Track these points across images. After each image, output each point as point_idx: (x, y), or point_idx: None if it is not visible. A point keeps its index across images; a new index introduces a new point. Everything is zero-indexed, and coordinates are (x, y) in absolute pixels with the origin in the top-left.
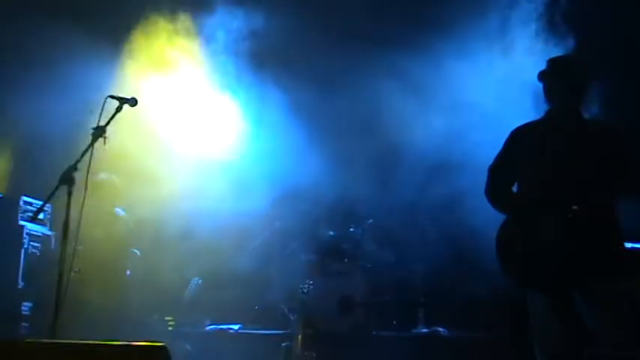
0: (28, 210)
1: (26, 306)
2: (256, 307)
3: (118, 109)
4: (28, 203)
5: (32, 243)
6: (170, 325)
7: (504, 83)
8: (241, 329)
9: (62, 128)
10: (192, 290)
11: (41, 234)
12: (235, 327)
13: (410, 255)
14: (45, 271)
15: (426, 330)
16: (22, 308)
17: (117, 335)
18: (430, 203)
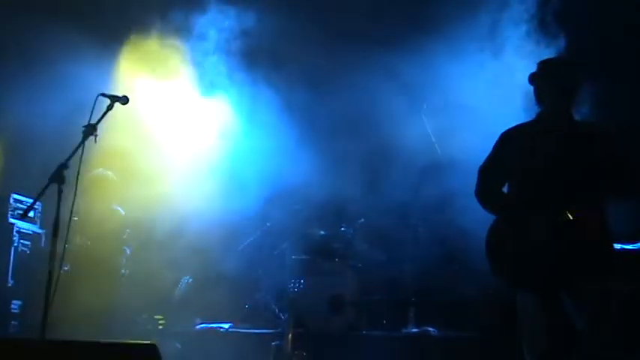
0: (18, 208)
1: (16, 304)
2: (246, 306)
3: (110, 107)
4: (19, 201)
5: (22, 241)
6: (160, 324)
7: (495, 84)
8: (231, 328)
9: (53, 126)
10: (182, 289)
11: (31, 232)
12: (225, 326)
13: (401, 255)
14: (35, 270)
15: (416, 330)
16: (12, 306)
17: (107, 334)
18: (421, 203)
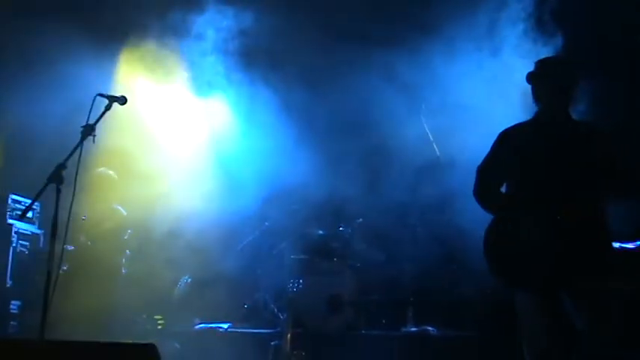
0: (17, 208)
1: (14, 305)
2: (245, 306)
3: (108, 108)
4: (17, 201)
5: (21, 241)
6: (159, 324)
7: (493, 83)
8: (230, 328)
9: (51, 126)
10: (181, 289)
11: (30, 232)
12: (224, 326)
13: (399, 254)
14: (33, 270)
15: (415, 329)
16: (11, 307)
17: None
18: (420, 203)
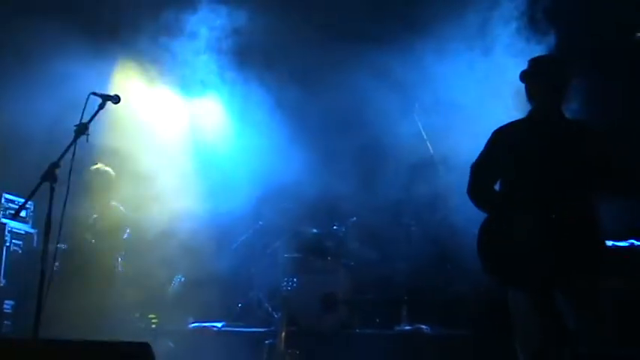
0: (10, 207)
1: (8, 304)
2: (239, 305)
3: (101, 106)
4: (10, 201)
5: (14, 241)
6: (153, 323)
7: (486, 82)
8: (224, 327)
9: (44, 125)
10: (175, 288)
11: (23, 232)
12: (218, 325)
13: (393, 253)
14: (27, 269)
15: (409, 327)
16: (4, 306)
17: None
18: (413, 202)
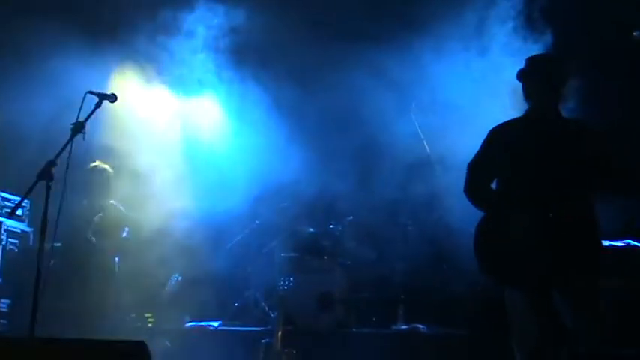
0: (6, 206)
1: (4, 302)
2: (236, 304)
3: (98, 105)
4: (6, 199)
5: (10, 239)
6: (150, 322)
7: (483, 81)
8: (221, 326)
9: (41, 123)
10: (171, 287)
11: (19, 230)
12: (215, 324)
13: (390, 252)
14: (23, 268)
15: (406, 327)
16: (0, 305)
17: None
18: (410, 201)
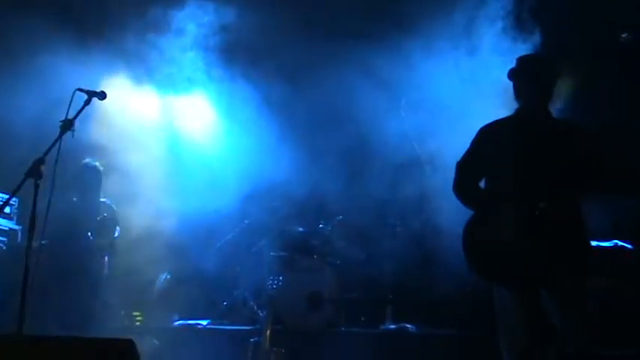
0: None
1: None
2: (225, 303)
3: (87, 103)
4: None
5: None
6: (138, 321)
7: (472, 81)
8: (210, 325)
9: (29, 120)
10: (160, 286)
11: (7, 228)
12: (204, 322)
13: (379, 252)
14: (11, 266)
15: (395, 326)
16: None
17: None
18: (400, 201)
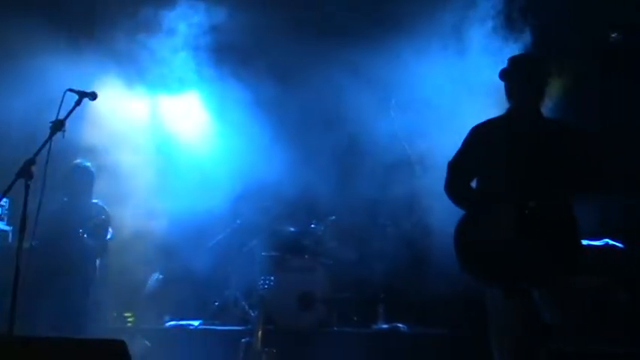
0: None
1: None
2: (216, 303)
3: (78, 103)
4: None
5: None
6: (129, 321)
7: (463, 81)
8: (201, 325)
9: (20, 121)
10: (151, 286)
11: None
12: (195, 323)
13: (371, 252)
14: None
15: (387, 326)
16: None
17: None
18: (391, 201)
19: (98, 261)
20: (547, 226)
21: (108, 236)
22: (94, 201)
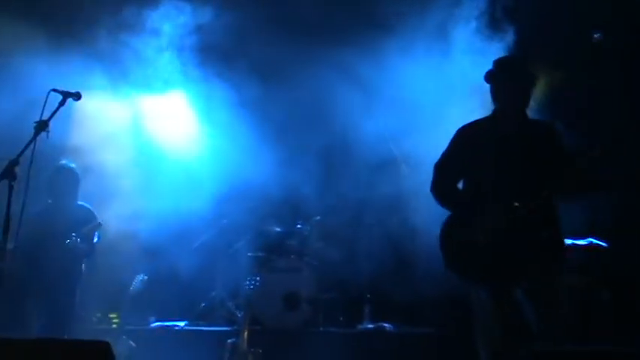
0: None
1: None
2: (202, 304)
3: (62, 103)
4: None
5: None
6: (114, 322)
7: (447, 81)
8: (187, 326)
9: (3, 121)
10: (136, 287)
11: None
12: (181, 324)
13: (356, 252)
14: None
15: (372, 326)
16: None
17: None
18: (377, 201)
19: (83, 267)
20: (530, 226)
21: (95, 239)
22: (80, 203)
